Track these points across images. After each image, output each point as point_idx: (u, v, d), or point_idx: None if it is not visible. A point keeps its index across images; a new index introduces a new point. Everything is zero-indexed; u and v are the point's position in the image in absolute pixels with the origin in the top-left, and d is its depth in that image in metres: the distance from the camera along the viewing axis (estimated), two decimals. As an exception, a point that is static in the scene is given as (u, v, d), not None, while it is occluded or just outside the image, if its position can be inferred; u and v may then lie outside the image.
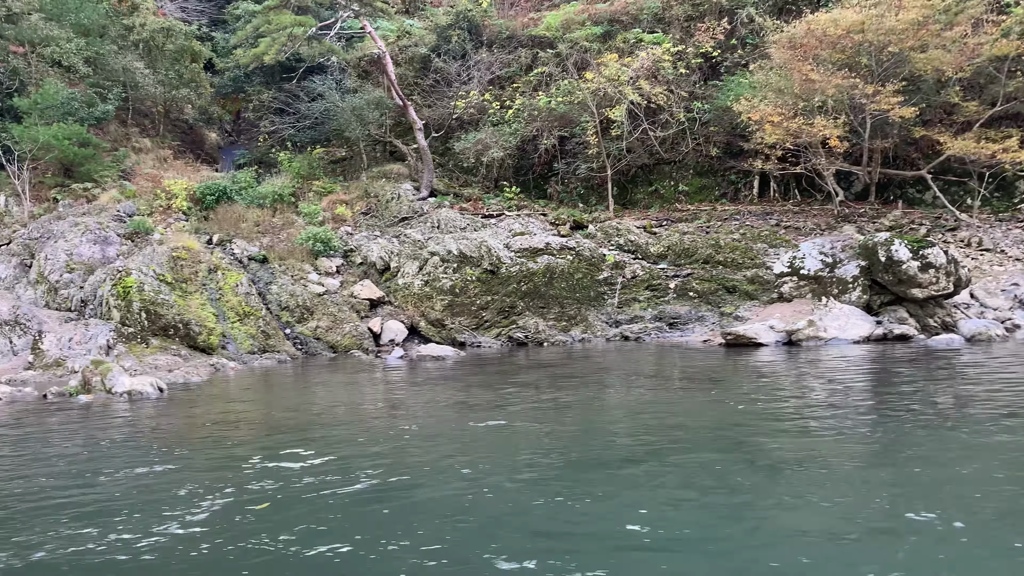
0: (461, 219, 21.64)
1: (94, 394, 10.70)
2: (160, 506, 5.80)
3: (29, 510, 5.84)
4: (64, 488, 6.48)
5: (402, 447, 7.85)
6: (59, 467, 7.32)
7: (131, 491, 6.34)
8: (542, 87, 26.88)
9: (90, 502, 6.01)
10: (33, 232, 23.12)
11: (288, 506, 5.77)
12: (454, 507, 5.66)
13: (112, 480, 6.71)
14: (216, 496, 6.02)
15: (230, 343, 16.01)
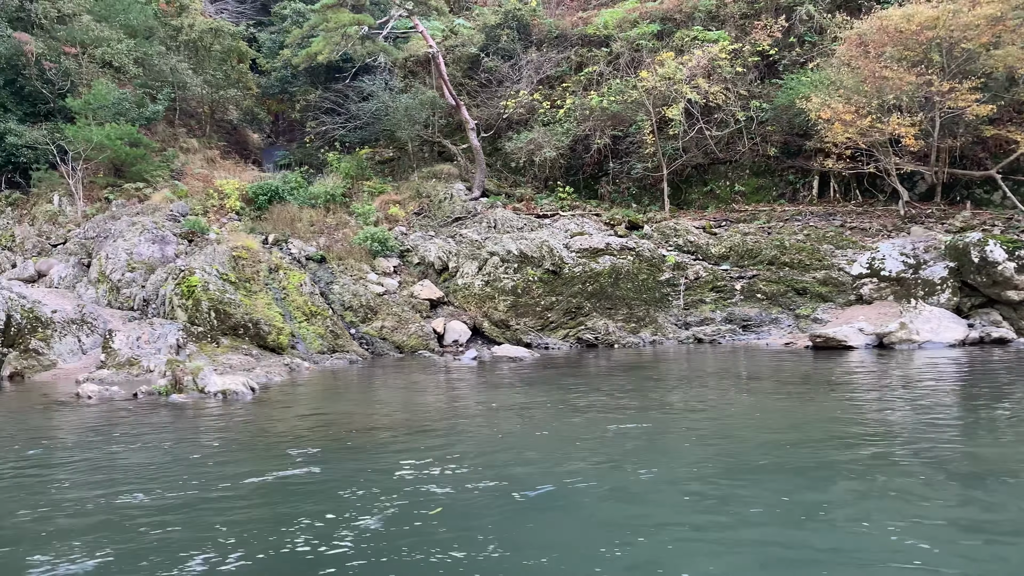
0: (517, 219, 21.40)
1: (186, 393, 10.57)
2: (333, 510, 5.54)
3: (216, 513, 5.59)
4: (231, 494, 6.19)
5: (550, 450, 7.48)
6: (206, 468, 7.03)
7: (298, 495, 6.08)
8: (592, 86, 26.60)
9: (261, 504, 5.74)
10: (89, 231, 23.21)
11: (467, 512, 5.44)
12: (655, 514, 5.28)
13: (274, 485, 6.42)
14: (383, 500, 5.73)
15: (299, 343, 15.86)
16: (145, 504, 5.93)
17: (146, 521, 5.50)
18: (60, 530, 5.34)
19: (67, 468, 7.22)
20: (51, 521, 5.59)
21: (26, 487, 6.52)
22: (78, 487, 6.56)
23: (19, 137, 25.90)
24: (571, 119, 25.45)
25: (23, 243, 23.93)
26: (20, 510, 5.80)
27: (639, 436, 7.98)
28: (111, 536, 5.16)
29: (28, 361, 14.80)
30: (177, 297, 17.38)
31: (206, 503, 5.96)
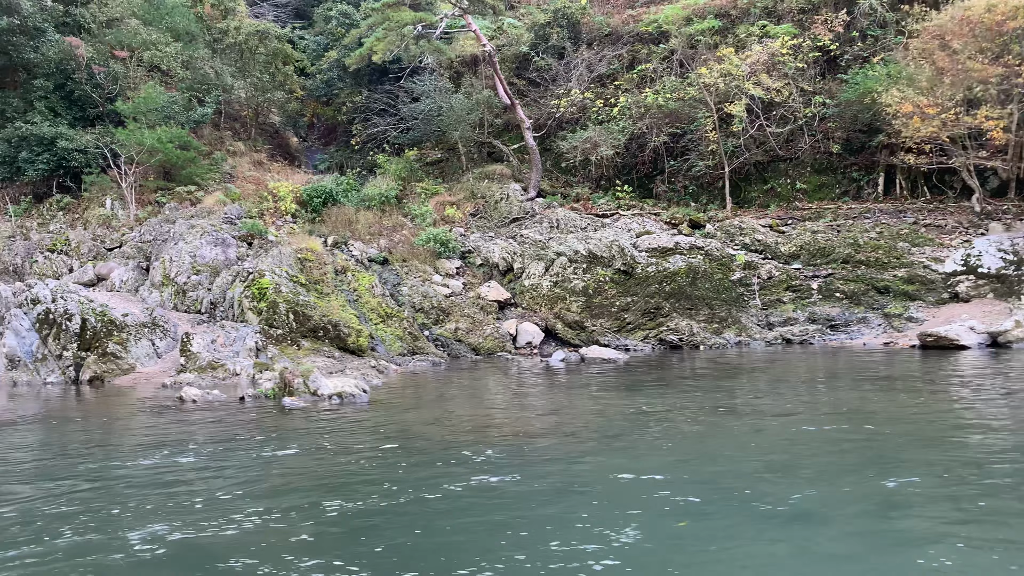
0: (580, 219, 21.05)
1: (298, 396, 10.27)
2: (578, 519, 5.16)
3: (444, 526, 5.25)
4: (452, 498, 5.82)
5: (744, 456, 7.01)
6: (399, 474, 6.64)
7: (530, 502, 5.69)
8: (646, 84, 26.21)
9: (507, 523, 5.33)
10: (145, 235, 23.07)
11: (722, 526, 5.02)
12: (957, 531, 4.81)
13: (488, 490, 6.02)
14: (615, 511, 5.33)
15: (379, 345, 15.56)
16: (382, 509, 5.56)
17: (403, 527, 5.15)
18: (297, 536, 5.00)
19: (246, 473, 6.83)
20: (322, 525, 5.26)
21: (221, 493, 6.14)
22: (292, 493, 6.19)
23: (70, 141, 25.82)
24: (626, 117, 25.07)
25: (78, 247, 23.83)
26: (255, 511, 5.46)
27: (841, 441, 7.41)
28: (381, 542, 4.84)
29: (107, 365, 14.59)
30: (248, 300, 17.15)
31: (438, 507, 5.60)
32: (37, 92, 26.92)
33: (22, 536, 5.17)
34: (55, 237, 24.54)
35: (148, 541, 4.97)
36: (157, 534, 5.11)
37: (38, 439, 8.89)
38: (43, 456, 7.77)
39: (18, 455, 7.97)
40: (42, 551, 4.88)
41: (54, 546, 4.96)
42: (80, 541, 5.04)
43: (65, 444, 8.45)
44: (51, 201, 26.47)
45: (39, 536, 5.17)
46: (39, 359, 15.40)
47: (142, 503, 6.00)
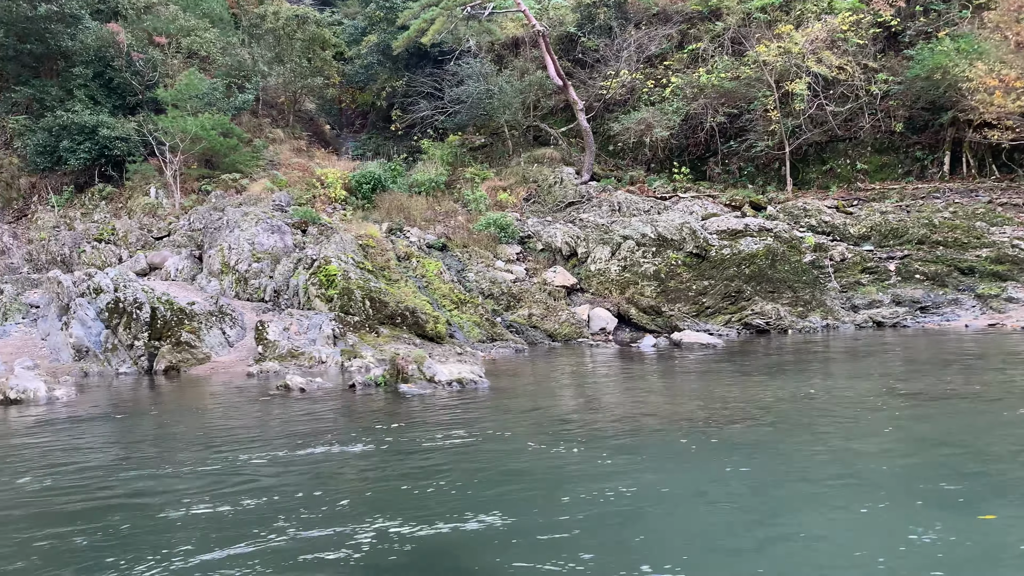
0: (643, 201, 20.55)
1: (414, 384, 9.86)
2: (869, 518, 4.70)
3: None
4: (720, 491, 5.35)
5: (969, 442, 6.43)
6: (621, 465, 6.10)
7: (823, 496, 5.20)
8: (697, 64, 25.62)
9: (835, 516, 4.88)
10: (195, 223, 22.71)
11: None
12: None
13: (764, 483, 5.50)
14: (902, 501, 4.88)
15: (457, 331, 15.14)
16: (634, 501, 5.09)
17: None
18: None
19: (437, 462, 6.36)
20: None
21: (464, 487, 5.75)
22: (506, 483, 5.74)
23: (112, 130, 25.42)
24: (678, 98, 24.50)
25: (126, 236, 23.50)
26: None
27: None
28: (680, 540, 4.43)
29: (182, 354, 14.23)
30: (314, 287, 16.76)
31: (716, 497, 5.17)
32: (76, 80, 26.53)
33: (244, 531, 4.75)
34: (101, 227, 24.21)
35: (383, 538, 4.54)
36: (388, 530, 4.68)
37: (174, 431, 8.42)
38: (200, 448, 7.31)
39: (177, 447, 7.52)
40: (276, 547, 4.48)
41: (282, 543, 4.56)
42: (308, 537, 4.64)
43: (209, 435, 8.00)
44: (93, 190, 26.13)
45: (263, 529, 4.76)
46: (109, 349, 15.06)
47: (355, 495, 5.57)
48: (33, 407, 10.53)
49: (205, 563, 4.29)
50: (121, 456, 7.23)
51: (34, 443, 8.05)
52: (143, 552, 4.47)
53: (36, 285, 21.42)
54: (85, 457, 7.25)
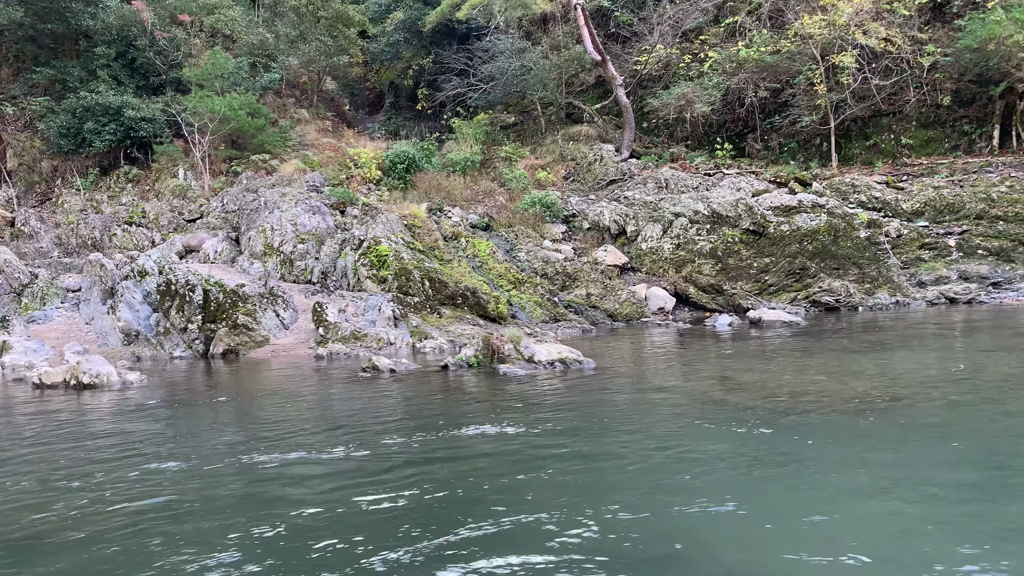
0: (690, 178, 20.11)
1: (512, 364, 9.49)
2: None
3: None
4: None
5: None
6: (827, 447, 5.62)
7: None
8: (734, 38, 25.09)
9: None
10: (228, 204, 22.27)
11: None
12: None
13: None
14: None
15: (519, 312, 14.77)
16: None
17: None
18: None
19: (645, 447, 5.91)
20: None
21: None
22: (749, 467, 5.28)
23: (137, 110, 24.87)
24: (717, 73, 23.98)
25: (157, 219, 23.07)
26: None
27: None
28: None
29: (240, 337, 13.85)
30: (365, 268, 16.37)
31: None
32: (99, 60, 25.95)
33: (465, 517, 4.40)
34: (130, 209, 23.76)
35: (613, 524, 4.16)
36: (617, 515, 4.30)
37: (290, 414, 7.99)
38: (335, 430, 6.85)
39: (308, 430, 7.09)
40: (517, 532, 4.13)
41: (514, 528, 4.20)
42: (540, 520, 4.27)
43: (331, 418, 7.52)
44: (118, 173, 25.63)
45: (486, 515, 4.39)
46: (161, 332, 14.68)
47: (555, 477, 5.18)
48: (108, 392, 10.17)
49: (443, 546, 3.95)
50: (257, 438, 6.82)
51: (147, 428, 7.65)
52: (387, 543, 4.10)
53: (69, 269, 21.02)
54: (221, 440, 6.87)
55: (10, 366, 13.75)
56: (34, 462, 6.28)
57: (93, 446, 6.75)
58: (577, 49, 24.27)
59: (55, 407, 9.08)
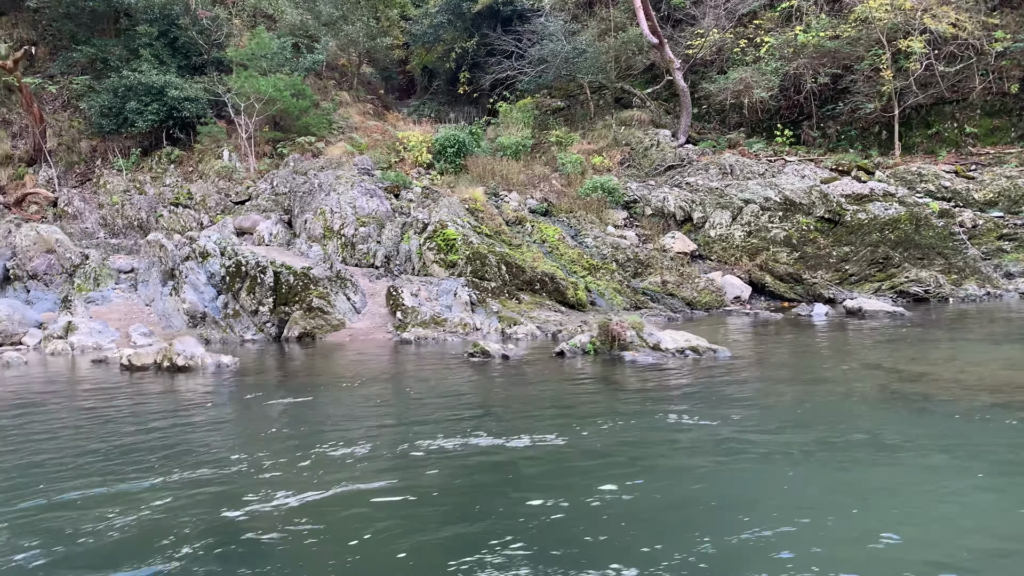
0: (756, 164, 19.60)
1: (635, 351, 9.07)
2: None
3: None
4: None
5: None
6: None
7: None
8: (790, 22, 24.52)
9: None
10: (279, 187, 21.87)
11: None
12: None
13: None
14: None
15: (598, 299, 14.34)
16: None
17: None
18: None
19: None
20: None
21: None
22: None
23: (180, 90, 24.45)
24: (774, 58, 23.42)
25: (203, 201, 22.69)
26: None
27: None
28: None
29: (315, 320, 13.47)
30: (431, 252, 15.97)
31: None
32: (142, 39, 25.48)
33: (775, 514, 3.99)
34: (175, 191, 23.37)
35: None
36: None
37: (439, 400, 7.56)
38: (513, 418, 6.46)
39: (468, 416, 6.69)
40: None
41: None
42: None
43: (485, 405, 7.11)
44: (160, 153, 25.23)
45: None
46: (231, 315, 14.32)
47: (820, 477, 4.73)
48: (202, 374, 9.80)
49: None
50: (423, 421, 6.40)
51: (298, 413, 7.20)
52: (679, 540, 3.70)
53: (118, 250, 20.70)
54: (386, 424, 6.48)
55: (79, 347, 13.42)
56: (218, 450, 5.85)
57: (267, 433, 6.32)
58: (633, 31, 23.71)
59: (169, 390, 8.70)
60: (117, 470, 5.21)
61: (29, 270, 18.26)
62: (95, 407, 7.74)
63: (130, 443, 6.01)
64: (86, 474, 5.12)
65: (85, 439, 6.18)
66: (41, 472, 5.19)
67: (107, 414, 7.28)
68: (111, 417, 7.10)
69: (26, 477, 5.08)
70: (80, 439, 6.19)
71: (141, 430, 6.47)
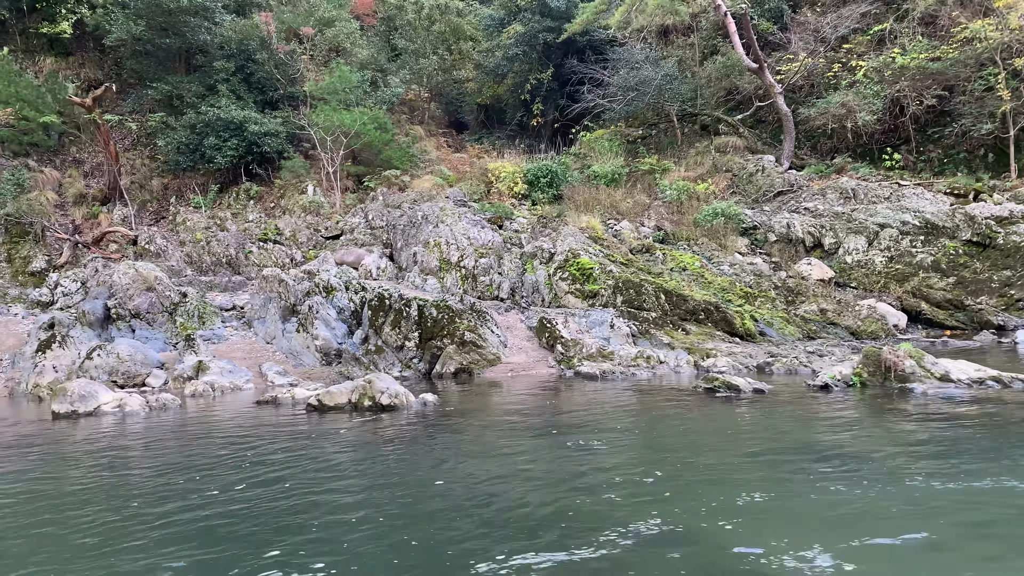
0: (879, 188, 18.84)
1: (919, 383, 8.15)
2: None
3: None
4: None
5: None
6: None
7: None
8: (882, 45, 24.01)
9: None
10: (374, 220, 21.21)
11: None
12: None
13: None
14: None
15: (766, 328, 13.45)
16: None
17: None
18: None
19: None
20: None
21: None
22: None
23: (260, 125, 24.02)
24: (873, 81, 22.84)
25: (294, 236, 22.02)
26: None
27: None
28: None
29: (471, 355, 12.60)
30: (565, 282, 15.16)
31: None
32: (219, 74, 25.16)
33: None
34: (263, 227, 22.74)
35: None
36: None
37: (720, 441, 6.68)
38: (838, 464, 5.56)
39: (792, 461, 5.77)
40: None
41: None
42: None
43: (801, 449, 6.25)
44: (238, 189, 24.72)
45: None
46: (372, 351, 13.46)
47: None
48: (405, 413, 8.92)
49: None
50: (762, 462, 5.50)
51: (604, 453, 6.29)
52: None
53: (211, 287, 19.99)
54: (721, 463, 5.58)
55: (218, 387, 12.57)
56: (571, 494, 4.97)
57: (587, 482, 5.41)
58: (734, 57, 23.19)
59: (400, 434, 7.77)
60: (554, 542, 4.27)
61: (131, 309, 17.50)
62: (363, 458, 6.81)
63: (514, 509, 5.00)
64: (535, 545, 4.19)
65: (470, 508, 5.11)
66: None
67: (395, 468, 6.31)
68: (427, 479, 5.90)
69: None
70: (458, 506, 5.13)
71: (491, 495, 5.44)
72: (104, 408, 10.60)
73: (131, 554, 4.26)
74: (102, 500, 5.51)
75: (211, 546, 4.36)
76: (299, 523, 4.72)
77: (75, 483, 6.21)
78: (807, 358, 11.04)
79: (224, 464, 6.61)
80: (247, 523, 4.76)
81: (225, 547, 4.32)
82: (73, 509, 5.26)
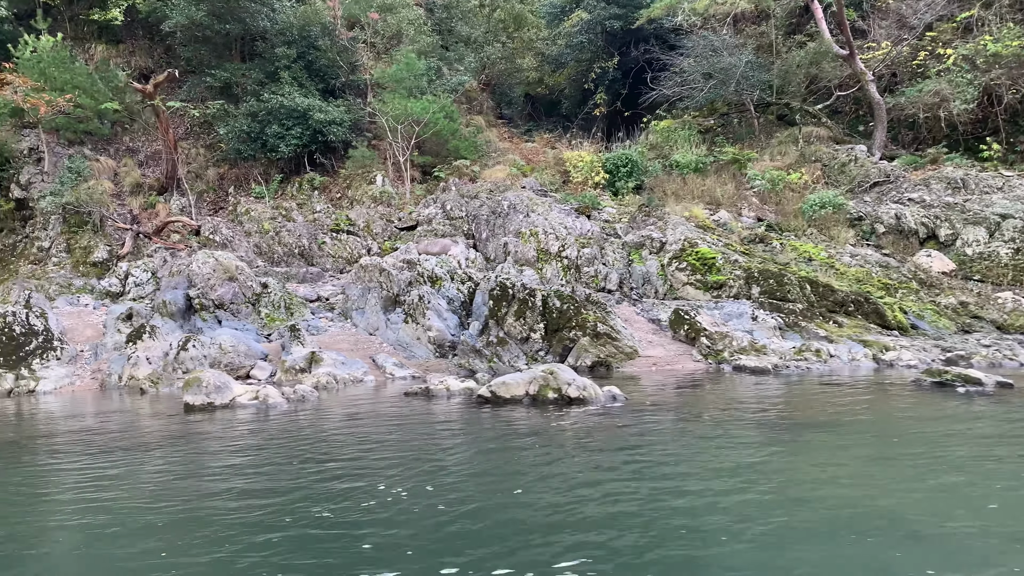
0: (990, 178, 18.05)
1: None
2: None
3: None
4: None
5: None
6: None
7: None
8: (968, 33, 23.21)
9: None
10: (453, 211, 20.46)
11: None
12: None
13: None
14: None
15: (918, 321, 12.67)
16: None
17: None
18: None
19: None
20: None
21: None
22: None
23: (324, 113, 23.27)
24: (964, 69, 22.02)
25: (369, 227, 21.28)
26: None
27: None
28: None
29: (607, 348, 11.85)
30: (683, 273, 14.41)
31: None
32: (281, 61, 24.41)
33: None
34: (332, 217, 22.00)
35: None
36: None
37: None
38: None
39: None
40: None
41: None
42: None
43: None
44: (302, 179, 23.96)
45: None
46: (495, 343, 12.71)
47: None
48: (594, 405, 8.17)
49: None
50: None
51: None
52: None
53: (288, 278, 19.28)
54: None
55: (340, 379, 11.84)
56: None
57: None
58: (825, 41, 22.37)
59: (630, 430, 7.00)
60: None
61: (214, 299, 16.79)
62: (626, 460, 6.04)
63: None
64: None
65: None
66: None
67: (672, 468, 5.57)
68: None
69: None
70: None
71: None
72: (240, 400, 9.88)
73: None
74: (369, 498, 4.78)
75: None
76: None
77: (296, 482, 5.48)
78: (1000, 350, 10.26)
79: (470, 462, 5.86)
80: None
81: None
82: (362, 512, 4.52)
